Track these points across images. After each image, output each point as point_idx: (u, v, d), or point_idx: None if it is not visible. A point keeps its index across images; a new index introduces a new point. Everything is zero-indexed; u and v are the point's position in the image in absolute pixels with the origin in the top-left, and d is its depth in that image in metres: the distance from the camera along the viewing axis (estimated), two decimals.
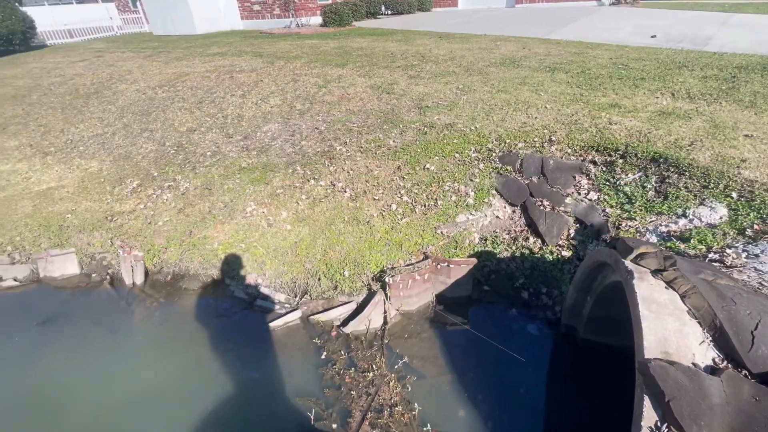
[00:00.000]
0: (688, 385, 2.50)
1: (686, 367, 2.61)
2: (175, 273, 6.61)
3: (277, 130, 8.98)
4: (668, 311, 2.91)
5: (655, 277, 3.22)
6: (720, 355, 2.73)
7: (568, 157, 6.25)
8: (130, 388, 4.88)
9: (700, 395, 2.48)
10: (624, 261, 3.46)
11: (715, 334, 2.79)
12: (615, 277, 3.90)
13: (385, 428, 4.15)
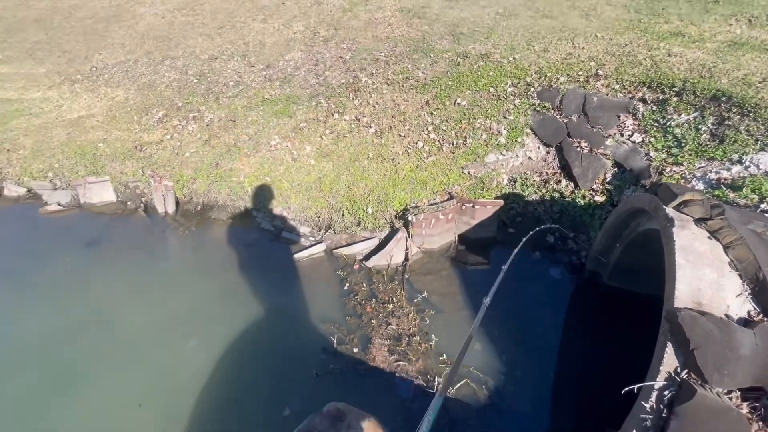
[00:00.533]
0: (717, 336, 2.44)
1: (718, 318, 2.52)
2: (204, 203, 6.82)
3: (300, 59, 8.54)
4: (707, 262, 2.76)
5: (698, 226, 3.01)
6: (757, 309, 2.62)
7: (614, 93, 5.68)
8: (170, 306, 5.31)
9: (728, 346, 2.42)
10: (665, 208, 3.24)
11: (755, 287, 2.65)
12: (650, 225, 3.71)
13: (402, 355, 4.41)
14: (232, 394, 4.26)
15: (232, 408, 4.15)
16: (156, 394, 4.33)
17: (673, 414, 2.49)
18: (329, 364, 4.38)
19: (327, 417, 2.47)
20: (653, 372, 2.65)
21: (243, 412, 4.12)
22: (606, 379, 4.00)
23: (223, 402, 4.21)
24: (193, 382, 4.38)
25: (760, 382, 2.37)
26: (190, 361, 4.61)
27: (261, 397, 4.22)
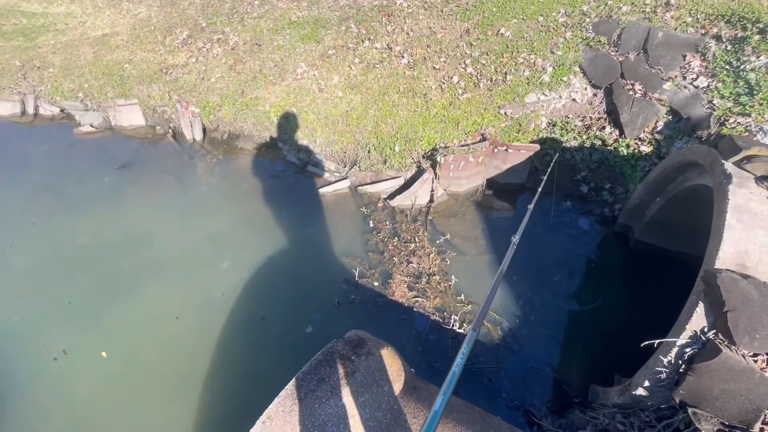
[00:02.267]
0: (756, 299, 2.34)
1: (761, 283, 2.40)
2: (231, 132, 6.78)
3: None
4: (762, 224, 2.57)
5: (758, 184, 2.76)
6: None
7: (684, 28, 4.97)
8: (202, 229, 5.54)
9: (766, 311, 2.33)
10: (723, 163, 2.96)
11: None
12: (701, 181, 3.44)
13: (421, 292, 4.53)
14: (258, 312, 4.57)
15: (258, 325, 4.48)
16: (191, 309, 4.70)
17: (691, 370, 2.49)
18: (350, 294, 4.58)
19: (349, 342, 2.61)
20: (678, 329, 2.62)
21: (268, 328, 4.45)
22: (622, 330, 4.05)
23: (250, 319, 4.54)
24: (224, 300, 4.71)
25: None
26: (221, 281, 4.92)
27: (285, 317, 4.51)
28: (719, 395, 2.41)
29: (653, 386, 2.76)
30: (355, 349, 2.56)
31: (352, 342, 2.63)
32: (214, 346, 4.38)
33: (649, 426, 2.84)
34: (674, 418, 2.68)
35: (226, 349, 4.35)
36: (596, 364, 3.87)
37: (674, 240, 4.32)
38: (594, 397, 3.44)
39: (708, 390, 2.44)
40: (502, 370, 3.90)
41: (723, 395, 2.40)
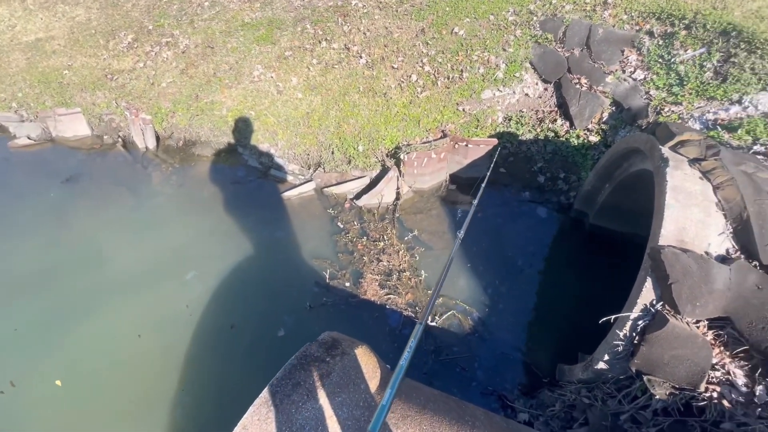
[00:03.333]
0: (694, 271, 2.56)
1: (698, 255, 2.63)
2: (187, 139, 6.52)
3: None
4: (696, 201, 2.82)
5: (691, 166, 3.02)
6: (735, 246, 2.73)
7: (621, 25, 5.34)
8: (160, 241, 5.29)
9: (704, 280, 2.56)
10: (661, 148, 3.22)
11: (738, 226, 2.74)
12: (643, 166, 3.71)
13: (393, 289, 4.58)
14: (227, 321, 4.44)
15: (228, 334, 4.35)
16: (154, 325, 4.48)
17: (644, 341, 2.69)
18: (322, 297, 4.54)
19: (323, 344, 2.60)
20: (630, 304, 2.82)
21: (239, 336, 4.33)
22: (583, 310, 4.29)
23: (219, 328, 4.40)
24: (190, 312, 4.53)
25: (727, 313, 2.55)
26: (186, 293, 4.73)
27: (256, 323, 4.41)
28: (669, 361, 2.63)
29: (612, 359, 2.96)
30: (330, 350, 2.56)
31: (326, 343, 2.62)
32: (183, 360, 4.20)
33: (611, 397, 3.04)
34: (632, 386, 2.89)
35: (195, 362, 4.18)
36: (561, 344, 4.08)
37: (625, 222, 4.63)
38: (561, 375, 3.63)
39: (659, 358, 2.65)
40: (475, 358, 4.03)
41: (672, 361, 2.62)
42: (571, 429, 3.13)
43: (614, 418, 2.97)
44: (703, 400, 2.53)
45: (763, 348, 2.41)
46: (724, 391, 2.49)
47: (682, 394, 2.61)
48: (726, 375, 2.51)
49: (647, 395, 2.77)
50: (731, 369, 2.51)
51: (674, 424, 2.69)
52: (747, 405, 2.40)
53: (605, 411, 3.02)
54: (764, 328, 2.41)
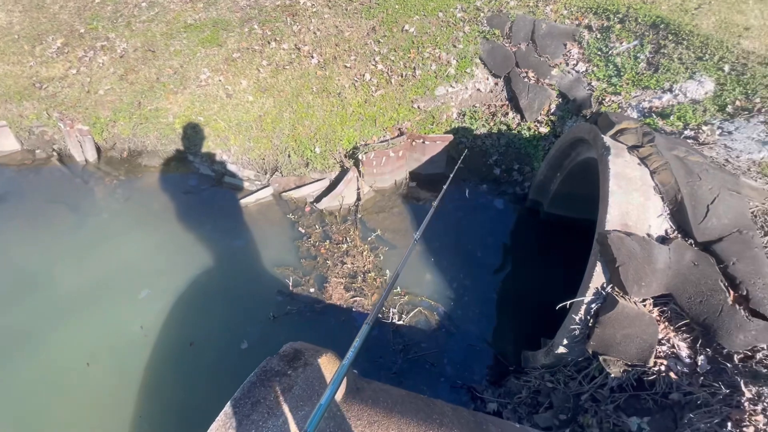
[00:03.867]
0: (638, 253, 2.70)
1: (641, 237, 2.78)
2: (131, 149, 6.12)
3: None
4: (636, 186, 2.97)
5: (630, 153, 3.19)
6: (673, 227, 2.91)
7: (562, 20, 5.57)
8: (108, 260, 4.93)
9: (647, 261, 2.71)
10: (603, 137, 3.37)
11: (674, 208, 2.92)
12: (589, 154, 3.88)
13: (359, 291, 4.53)
14: (186, 338, 4.22)
15: (187, 352, 4.13)
16: (105, 351, 4.17)
17: (598, 323, 2.81)
18: (286, 305, 4.41)
19: (284, 357, 2.51)
20: (584, 288, 2.94)
21: (199, 353, 4.13)
22: (544, 296, 4.43)
23: (178, 347, 4.17)
24: (145, 333, 4.26)
25: (669, 290, 2.71)
26: (140, 313, 4.44)
27: (217, 338, 4.22)
28: (621, 340, 2.76)
29: (570, 343, 3.07)
30: (291, 362, 2.47)
31: (287, 356, 2.54)
32: (139, 385, 3.94)
33: (571, 379, 3.16)
34: (590, 367, 3.02)
35: (153, 386, 3.94)
36: (525, 331, 4.19)
37: (577, 208, 4.84)
38: (525, 362, 3.74)
39: (612, 338, 2.78)
40: (443, 353, 4.06)
41: (624, 340, 2.75)
42: (537, 414, 3.22)
43: (576, 398, 3.09)
44: (652, 374, 2.68)
45: (702, 320, 2.58)
46: (670, 364, 2.64)
47: (634, 370, 2.76)
48: (671, 349, 2.67)
49: (604, 374, 2.90)
50: (675, 342, 2.67)
51: (629, 399, 2.84)
52: (691, 375, 2.57)
53: (567, 393, 3.14)
54: (701, 301, 2.58)
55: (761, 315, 2.42)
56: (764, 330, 2.39)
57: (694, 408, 2.45)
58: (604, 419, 2.82)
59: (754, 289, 2.49)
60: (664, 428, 2.59)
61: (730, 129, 3.78)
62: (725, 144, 3.63)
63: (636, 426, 2.70)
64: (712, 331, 2.52)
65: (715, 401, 2.36)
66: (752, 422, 2.17)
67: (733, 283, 2.57)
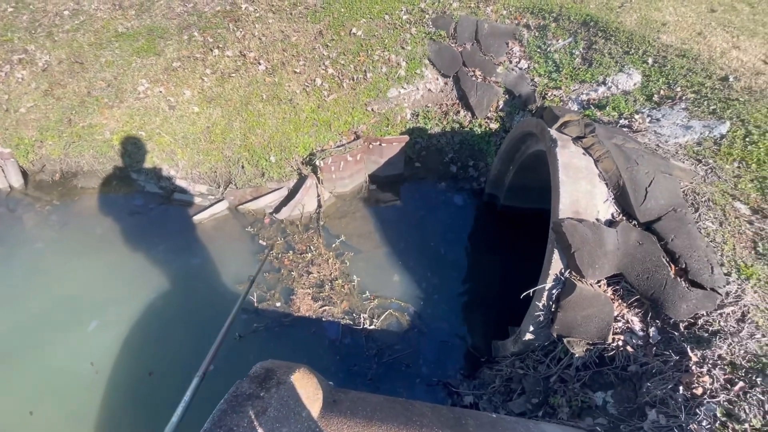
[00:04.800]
0: (590, 238, 2.87)
1: (591, 223, 2.96)
2: (64, 171, 5.61)
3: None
4: (583, 175, 3.16)
5: (575, 144, 3.38)
6: (618, 210, 3.13)
7: (503, 20, 5.81)
8: (47, 293, 4.49)
9: (599, 244, 2.88)
10: (549, 130, 3.55)
11: (617, 192, 3.14)
12: (538, 147, 4.07)
13: (327, 300, 4.45)
14: (145, 369, 3.93)
15: (146, 383, 3.86)
16: (50, 395, 3.79)
17: (560, 307, 2.95)
18: (252, 323, 4.24)
19: (254, 379, 2.40)
20: (544, 276, 3.07)
21: (160, 383, 3.86)
22: (510, 286, 4.60)
23: (136, 379, 3.88)
24: (96, 369, 3.92)
25: (620, 270, 2.90)
26: (90, 348, 4.10)
27: (180, 365, 3.96)
28: (582, 321, 2.92)
29: (536, 329, 3.20)
30: (263, 383, 2.37)
31: (258, 377, 2.43)
32: (92, 428, 3.61)
33: (540, 363, 3.30)
34: (556, 350, 3.16)
35: (109, 426, 3.63)
36: (494, 321, 4.32)
37: (531, 199, 5.06)
38: (496, 351, 3.85)
39: (573, 320, 2.93)
40: (417, 353, 4.09)
41: (584, 321, 2.91)
42: (511, 401, 3.33)
43: (545, 381, 3.23)
44: (612, 350, 2.86)
45: (650, 294, 2.79)
46: (626, 338, 2.83)
47: (596, 348, 2.93)
48: (626, 324, 2.86)
49: (569, 355, 3.05)
50: (629, 318, 2.87)
51: (593, 376, 3.01)
52: (645, 346, 2.77)
53: (537, 377, 3.27)
54: (648, 277, 2.79)
55: (699, 284, 2.66)
56: (703, 298, 2.63)
57: (651, 377, 2.64)
58: (573, 398, 2.97)
59: (691, 261, 2.73)
60: (626, 399, 2.77)
61: (658, 116, 4.13)
62: (655, 130, 3.95)
63: (601, 400, 2.87)
64: (659, 303, 2.73)
65: (668, 368, 2.56)
66: (700, 383, 2.38)
67: (674, 257, 2.80)
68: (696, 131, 3.79)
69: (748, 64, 4.40)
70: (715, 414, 2.25)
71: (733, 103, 3.95)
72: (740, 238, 2.91)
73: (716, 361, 2.42)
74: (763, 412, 2.20)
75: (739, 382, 2.31)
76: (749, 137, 3.61)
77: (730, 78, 4.22)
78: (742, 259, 2.80)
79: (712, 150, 3.62)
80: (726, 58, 4.49)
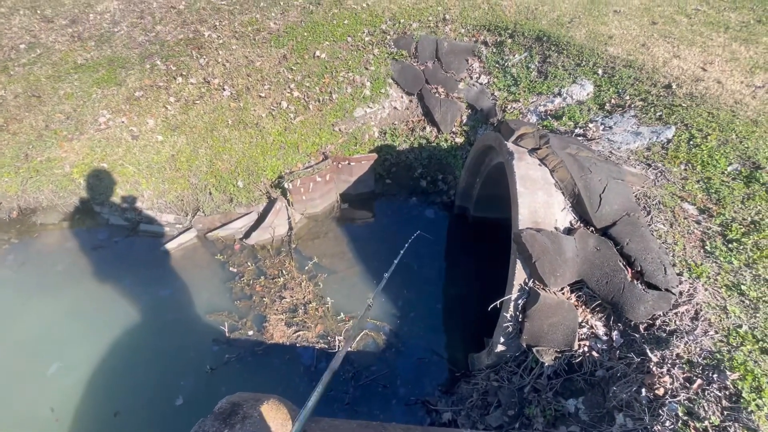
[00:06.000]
0: (549, 247, 2.94)
1: (549, 232, 3.03)
2: (22, 207, 5.39)
3: (118, 11, 6.92)
4: (539, 186, 3.25)
5: (531, 155, 3.49)
6: (576, 218, 3.22)
7: (461, 38, 6.02)
8: (4, 337, 4.25)
9: (558, 253, 2.95)
10: (506, 143, 3.65)
11: (573, 200, 3.23)
12: (499, 159, 4.18)
13: (301, 324, 4.37)
14: (110, 409, 3.75)
15: (112, 424, 3.67)
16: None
17: (526, 317, 2.98)
18: (224, 354, 4.11)
19: (219, 416, 2.31)
20: (509, 286, 3.11)
21: (127, 422, 3.68)
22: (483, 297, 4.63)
23: (100, 421, 3.68)
24: (57, 415, 3.71)
25: (581, 276, 2.97)
26: (50, 392, 3.89)
27: (147, 403, 3.80)
28: (548, 330, 2.95)
29: (507, 340, 3.22)
30: (228, 419, 2.29)
31: (223, 413, 2.34)
32: None
33: (513, 374, 3.31)
34: (527, 360, 3.18)
35: None
36: (470, 335, 4.32)
37: (499, 210, 5.13)
38: (473, 365, 3.84)
39: (540, 328, 2.96)
40: (394, 372, 4.04)
41: (551, 329, 2.95)
42: (488, 414, 3.31)
43: (520, 392, 3.24)
44: (579, 356, 2.90)
45: (610, 299, 2.86)
46: (591, 344, 2.88)
47: (564, 356, 2.96)
48: (591, 329, 2.91)
49: (540, 364, 3.08)
50: (593, 323, 2.92)
51: (565, 383, 3.04)
52: (609, 351, 2.82)
53: (512, 388, 3.27)
54: (607, 282, 2.86)
55: (654, 286, 2.75)
56: (658, 299, 2.71)
57: (616, 380, 2.68)
58: (546, 407, 2.98)
59: (646, 263, 2.82)
60: (596, 404, 2.80)
61: (610, 124, 4.32)
62: (608, 138, 4.12)
63: (573, 407, 2.89)
64: (620, 307, 2.81)
65: (631, 371, 2.61)
66: (661, 384, 2.43)
67: (629, 261, 2.89)
68: (645, 137, 3.98)
69: (689, 71, 4.68)
70: (677, 413, 2.30)
71: (677, 109, 4.17)
72: (689, 238, 3.04)
73: (675, 361, 2.49)
74: (721, 408, 2.26)
75: (697, 379, 2.38)
76: (693, 140, 3.81)
77: (673, 85, 4.47)
78: (692, 259, 2.92)
79: (661, 154, 3.79)
80: (668, 67, 4.76)
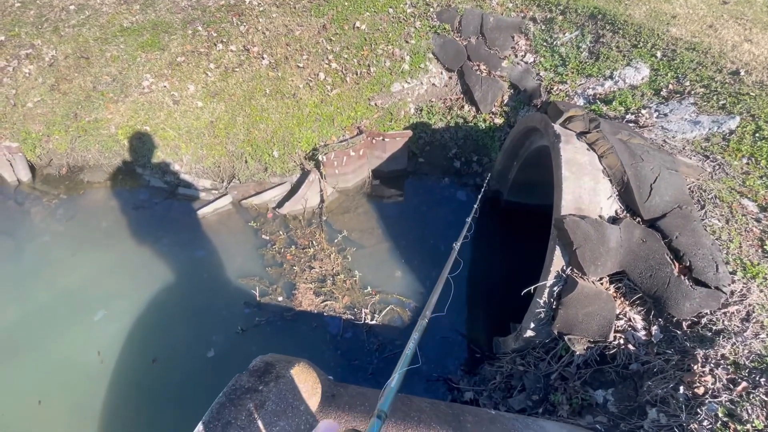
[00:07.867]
0: (593, 235, 2.83)
1: (594, 220, 2.92)
2: (71, 165, 5.67)
3: None
4: (586, 171, 3.11)
5: (579, 139, 3.33)
6: (622, 207, 3.08)
7: (508, 13, 5.72)
8: (55, 285, 4.57)
9: (601, 242, 2.85)
10: (553, 125, 3.50)
11: (621, 189, 3.09)
12: (542, 142, 4.02)
13: (329, 295, 4.46)
14: (149, 356, 4.01)
15: (150, 370, 3.94)
16: (58, 385, 3.87)
17: (561, 304, 2.93)
18: (254, 317, 4.27)
19: (254, 373, 2.42)
20: (545, 272, 3.05)
21: (164, 369, 3.94)
22: (511, 282, 4.57)
23: (140, 367, 3.96)
24: (102, 358, 4.00)
25: (622, 267, 2.86)
26: (96, 338, 4.18)
27: (182, 354, 4.03)
28: (583, 319, 2.89)
29: (537, 326, 3.18)
30: (262, 377, 2.39)
31: (257, 371, 2.44)
32: (99, 416, 3.70)
33: (541, 360, 3.28)
34: (557, 347, 3.14)
35: (115, 414, 3.72)
36: (495, 318, 4.30)
37: (535, 195, 5.01)
38: (497, 348, 3.84)
39: (575, 317, 2.90)
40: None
41: (586, 318, 2.88)
42: (511, 397, 3.32)
43: (546, 379, 3.22)
44: (613, 348, 2.83)
45: (653, 292, 2.75)
46: (628, 337, 2.80)
47: (597, 346, 2.90)
48: (628, 322, 2.83)
49: (570, 353, 3.03)
50: (631, 316, 2.83)
51: (594, 373, 2.99)
52: (647, 345, 2.73)
53: (538, 374, 3.26)
54: (651, 275, 2.75)
55: (703, 283, 2.62)
56: (707, 296, 2.59)
57: (652, 375, 2.61)
58: (573, 395, 2.95)
59: (696, 259, 2.68)
60: (627, 397, 2.75)
61: (666, 111, 4.05)
62: (662, 126, 3.88)
63: (602, 398, 2.85)
64: (662, 302, 2.70)
65: (669, 367, 2.53)
66: (702, 383, 2.35)
67: (678, 255, 2.76)
68: (704, 126, 3.72)
69: (761, 57, 4.29)
70: (716, 414, 2.23)
71: (743, 98, 3.86)
72: (747, 236, 2.86)
73: (719, 361, 2.39)
74: (766, 413, 2.16)
75: (743, 382, 2.28)
76: (759, 133, 3.52)
77: (741, 72, 4.12)
78: (749, 258, 2.75)
79: (721, 146, 3.54)
80: (737, 52, 4.37)
